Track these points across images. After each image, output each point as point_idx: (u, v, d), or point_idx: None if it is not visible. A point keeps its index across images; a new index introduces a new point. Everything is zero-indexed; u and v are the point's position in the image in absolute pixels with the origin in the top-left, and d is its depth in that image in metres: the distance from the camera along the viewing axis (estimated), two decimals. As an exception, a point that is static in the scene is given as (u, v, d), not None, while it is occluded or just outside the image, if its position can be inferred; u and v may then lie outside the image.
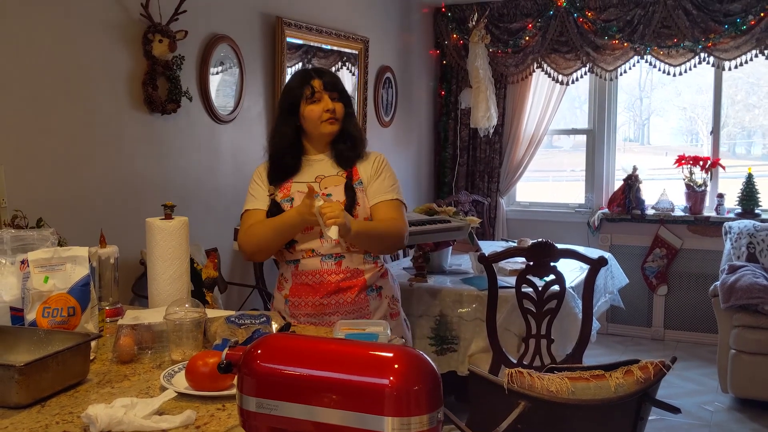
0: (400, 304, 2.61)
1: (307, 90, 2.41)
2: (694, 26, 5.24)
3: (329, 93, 2.43)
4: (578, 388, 1.83)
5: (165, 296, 2.21)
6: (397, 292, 2.61)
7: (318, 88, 2.41)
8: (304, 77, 2.45)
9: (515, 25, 5.81)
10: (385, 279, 2.53)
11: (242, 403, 1.14)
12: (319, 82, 2.42)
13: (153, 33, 3.28)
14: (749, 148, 6.38)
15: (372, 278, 2.46)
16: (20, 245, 2.00)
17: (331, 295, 2.40)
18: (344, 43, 4.77)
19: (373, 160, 2.51)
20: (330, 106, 2.41)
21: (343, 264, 2.41)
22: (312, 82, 2.42)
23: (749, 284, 4.19)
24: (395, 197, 2.48)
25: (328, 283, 2.40)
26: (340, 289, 2.40)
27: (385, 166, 2.52)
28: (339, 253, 2.41)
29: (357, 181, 2.45)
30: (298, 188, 2.44)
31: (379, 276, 2.49)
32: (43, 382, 1.56)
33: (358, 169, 2.48)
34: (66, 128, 2.99)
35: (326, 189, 2.43)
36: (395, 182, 2.52)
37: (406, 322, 2.65)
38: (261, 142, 4.17)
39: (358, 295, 2.42)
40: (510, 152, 6.04)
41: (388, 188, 2.47)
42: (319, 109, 2.41)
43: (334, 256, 2.41)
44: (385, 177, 2.49)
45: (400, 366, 1.07)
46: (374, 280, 2.47)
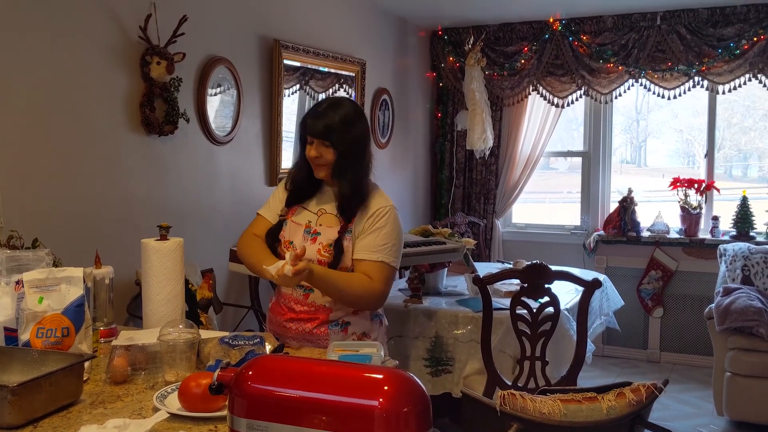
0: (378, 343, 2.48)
1: (302, 129, 2.39)
2: (688, 50, 5.30)
3: (318, 139, 2.32)
4: (571, 411, 1.84)
5: (159, 317, 2.22)
6: (374, 329, 2.48)
7: (304, 133, 2.37)
8: (306, 115, 2.40)
9: (511, 48, 5.87)
10: (357, 317, 2.42)
11: (233, 424, 1.15)
12: (306, 125, 2.36)
13: (151, 55, 3.30)
14: (746, 170, 6.41)
15: (338, 314, 2.39)
16: (15, 265, 2.01)
17: (291, 321, 2.41)
18: (341, 65, 4.81)
19: (374, 212, 2.37)
20: (313, 153, 2.33)
21: (310, 297, 2.39)
22: (303, 125, 2.38)
23: (744, 307, 4.20)
24: (382, 259, 2.33)
25: (292, 310, 2.41)
26: (301, 318, 2.40)
27: (384, 221, 2.36)
28: (308, 286, 2.36)
29: (348, 230, 2.37)
30: (296, 218, 2.44)
31: (350, 313, 2.41)
32: (35, 403, 1.57)
33: (356, 219, 2.37)
34: (63, 149, 3.00)
35: (320, 227, 2.40)
36: (391, 242, 2.36)
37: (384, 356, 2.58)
38: (258, 163, 4.21)
39: (318, 327, 2.38)
40: (506, 174, 6.07)
41: (377, 247, 2.33)
42: (308, 150, 2.36)
43: (303, 288, 2.38)
44: (379, 234, 2.34)
45: (389, 388, 1.08)
46: (340, 316, 2.39)
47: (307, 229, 2.41)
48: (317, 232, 2.39)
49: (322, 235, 2.37)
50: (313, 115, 2.34)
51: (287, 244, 2.41)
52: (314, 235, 2.38)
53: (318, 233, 2.38)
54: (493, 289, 3.75)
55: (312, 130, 2.32)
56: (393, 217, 2.39)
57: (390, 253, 2.35)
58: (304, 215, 2.45)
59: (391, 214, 2.39)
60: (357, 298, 2.32)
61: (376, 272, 2.32)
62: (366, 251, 2.33)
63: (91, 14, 3.08)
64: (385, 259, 2.34)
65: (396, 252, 2.38)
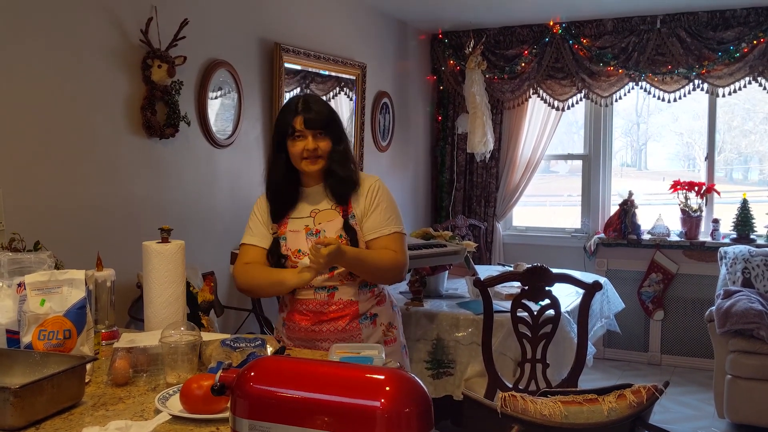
0: (399, 331, 2.56)
1: (288, 128, 2.35)
2: (688, 53, 5.31)
3: (312, 131, 2.33)
4: (571, 412, 1.84)
5: (161, 319, 2.22)
6: (396, 318, 2.56)
7: (299, 127, 2.33)
8: (288, 112, 2.37)
9: (511, 51, 5.88)
10: (382, 306, 2.48)
11: (235, 425, 1.15)
12: (301, 120, 2.33)
13: (152, 58, 3.31)
14: (746, 173, 6.41)
15: (365, 306, 2.42)
16: (17, 268, 2.01)
17: (322, 323, 2.40)
18: (342, 68, 4.82)
19: (366, 191, 2.43)
20: (310, 146, 2.33)
21: (336, 296, 2.39)
22: (294, 120, 2.34)
23: (744, 309, 4.20)
24: (394, 230, 2.41)
25: (320, 313, 2.40)
26: (331, 318, 2.40)
27: (379, 195, 2.43)
28: (332, 285, 2.39)
29: (351, 214, 2.40)
30: (291, 227, 2.42)
31: (375, 303, 2.46)
32: (37, 405, 1.57)
33: (352, 202, 2.42)
34: (64, 152, 3.01)
35: (320, 225, 2.39)
36: (393, 212, 2.43)
37: (405, 349, 2.62)
38: (258, 166, 4.21)
39: (350, 323, 2.40)
40: (506, 177, 6.07)
41: (384, 222, 2.40)
42: (300, 146, 2.34)
43: (327, 288, 2.39)
44: (381, 209, 2.41)
45: (391, 389, 1.08)
46: (368, 308, 2.43)
47: (308, 232, 2.40)
48: (319, 231, 2.39)
49: (327, 231, 2.38)
50: (306, 110, 2.34)
51: (296, 254, 2.39)
52: (317, 235, 2.38)
53: (321, 231, 2.39)
54: (494, 291, 3.75)
55: (311, 123, 2.33)
56: (385, 189, 2.48)
57: (397, 222, 2.44)
58: (297, 223, 2.42)
59: (382, 186, 2.47)
60: (386, 271, 2.38)
61: (393, 243, 2.40)
62: (377, 230, 2.40)
63: (93, 17, 3.09)
64: (396, 228, 2.43)
65: (400, 219, 2.47)
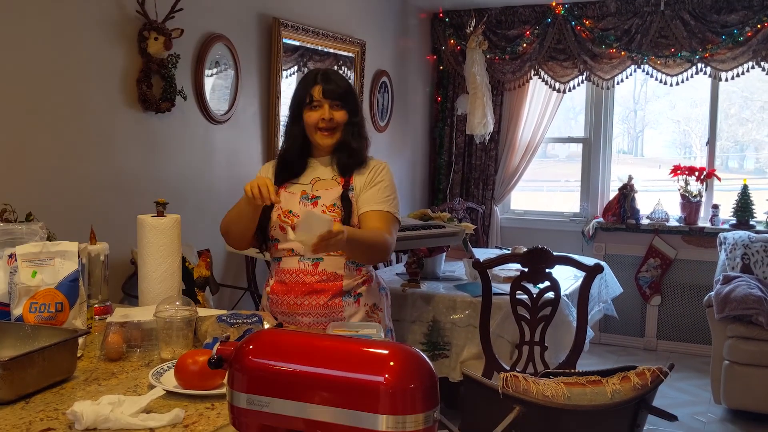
0: (385, 314, 2.51)
1: (306, 97, 2.35)
2: (692, 36, 5.25)
3: (330, 101, 2.34)
4: (574, 394, 1.81)
5: (155, 294, 2.18)
6: (383, 301, 2.51)
7: (317, 96, 2.34)
8: (308, 81, 2.38)
9: (513, 31, 5.81)
10: (368, 286, 2.44)
11: (232, 399, 1.11)
12: (320, 89, 2.34)
13: (148, 30, 3.25)
14: (742, 162, 6.38)
15: (350, 283, 2.38)
16: (8, 239, 1.96)
17: (304, 296, 2.35)
18: (341, 45, 4.75)
19: (371, 169, 2.42)
20: (326, 116, 2.33)
21: (320, 266, 2.35)
22: (312, 89, 2.34)
23: (744, 295, 4.18)
24: (388, 209, 2.38)
25: (303, 284, 2.35)
26: (314, 290, 2.34)
27: (382, 175, 2.42)
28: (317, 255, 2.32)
29: (350, 187, 2.38)
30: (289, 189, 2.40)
31: (360, 283, 2.41)
32: (27, 378, 1.53)
33: (355, 177, 2.40)
34: (58, 124, 2.95)
35: (317, 191, 2.37)
36: (392, 194, 2.42)
37: (391, 332, 2.58)
38: (255, 143, 4.16)
39: (332, 299, 2.35)
40: (506, 160, 6.02)
41: (380, 199, 2.38)
42: (316, 116, 2.34)
43: (311, 258, 2.34)
44: (380, 187, 2.39)
45: (396, 363, 1.04)
46: (353, 287, 2.39)
47: (304, 196, 2.35)
48: (316, 196, 2.36)
49: (323, 198, 2.34)
50: (326, 80, 2.35)
51: (287, 214, 2.35)
52: (314, 200, 2.34)
53: (318, 197, 2.35)
54: (492, 274, 3.71)
55: (330, 93, 2.34)
56: (389, 172, 2.46)
57: (393, 205, 2.41)
58: (295, 187, 2.40)
59: (387, 169, 2.46)
60: (379, 252, 2.33)
61: (384, 222, 2.35)
62: (371, 203, 2.37)
63: (88, -13, 3.02)
64: (390, 209, 2.39)
65: (397, 205, 2.44)
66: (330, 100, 2.34)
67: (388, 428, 1.02)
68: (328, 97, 2.34)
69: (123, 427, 1.37)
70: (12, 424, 1.39)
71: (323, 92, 2.34)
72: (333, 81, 2.36)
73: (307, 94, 2.35)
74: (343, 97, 2.36)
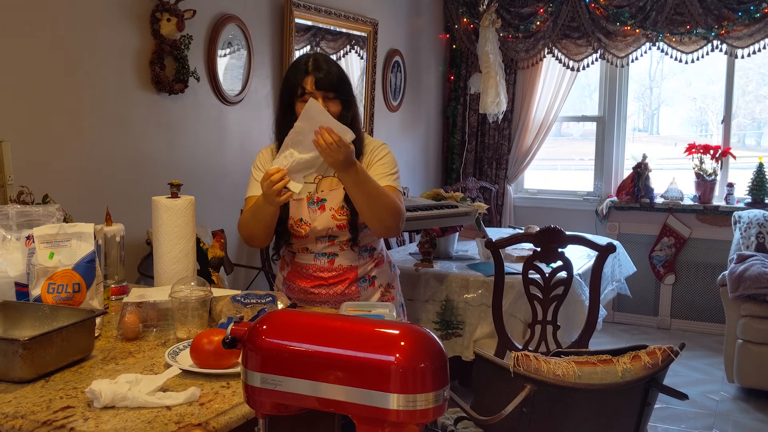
0: (397, 290, 2.53)
1: (298, 89, 2.24)
2: (708, 13, 5.19)
3: (323, 92, 2.23)
4: (585, 373, 1.82)
5: (171, 275, 2.20)
6: (394, 278, 2.52)
7: (309, 88, 2.22)
8: (297, 72, 2.26)
9: (526, 9, 5.76)
10: (380, 268, 2.45)
11: (247, 378, 1.14)
12: (312, 80, 2.22)
13: (161, 12, 3.25)
14: (759, 139, 6.32)
15: (364, 270, 2.39)
16: (26, 221, 1.99)
17: (322, 287, 2.38)
18: (353, 25, 4.74)
19: (369, 152, 2.36)
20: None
21: (336, 262, 2.36)
22: (304, 81, 2.23)
23: (758, 274, 4.16)
24: (390, 184, 2.31)
25: (319, 278, 2.37)
26: (330, 283, 2.37)
27: (382, 155, 2.36)
28: (332, 252, 2.35)
29: None
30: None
31: (373, 266, 2.42)
32: (47, 357, 1.56)
33: None
34: (73, 106, 2.97)
35: (322, 193, 2.33)
36: (393, 169, 2.35)
37: (403, 307, 2.60)
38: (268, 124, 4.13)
39: (349, 287, 2.37)
40: (519, 139, 6.00)
41: (383, 174, 2.31)
42: None
43: (327, 255, 2.35)
44: (380, 164, 2.33)
45: (406, 343, 1.06)
46: (366, 272, 2.40)
47: (310, 201, 2.32)
48: (321, 198, 2.32)
49: (329, 200, 2.31)
50: (317, 69, 2.24)
51: (298, 223, 2.33)
52: (320, 203, 2.32)
53: (323, 200, 2.32)
54: (505, 253, 3.72)
55: (322, 83, 2.22)
56: (388, 151, 2.39)
57: (396, 181, 2.35)
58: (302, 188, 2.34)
59: (386, 148, 2.40)
60: (390, 209, 2.23)
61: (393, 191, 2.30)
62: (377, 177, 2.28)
63: (100, -32, 3.03)
64: (394, 184, 2.33)
65: (400, 181, 2.38)
66: (323, 92, 2.23)
67: (398, 406, 1.04)
68: (321, 88, 2.22)
69: (140, 404, 1.40)
70: (33, 402, 1.42)
71: (315, 83, 2.22)
72: (324, 70, 2.24)
73: (299, 85, 2.24)
74: (336, 88, 2.25)
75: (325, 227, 2.30)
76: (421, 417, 1.05)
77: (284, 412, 1.14)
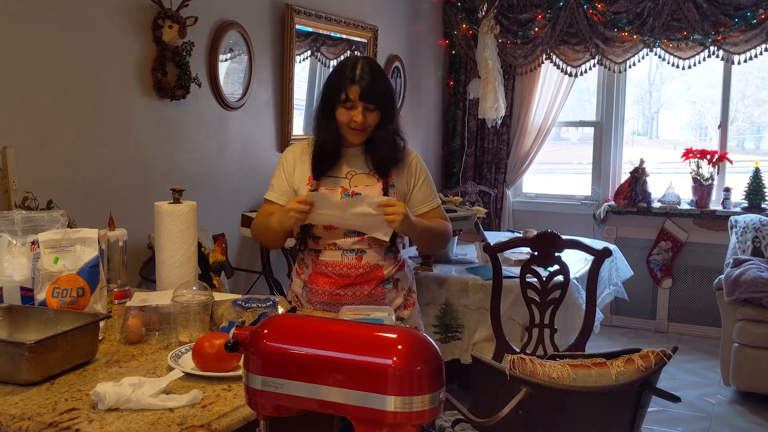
0: (416, 295, 2.58)
1: (342, 94, 2.27)
2: (704, 19, 5.23)
3: (364, 103, 2.26)
4: (579, 376, 1.85)
5: (173, 279, 2.24)
6: (413, 283, 2.58)
7: (353, 97, 2.25)
8: (343, 77, 2.28)
9: (525, 15, 5.80)
10: (402, 271, 2.49)
11: (248, 381, 1.17)
12: (357, 90, 2.25)
13: (163, 18, 3.29)
14: (758, 143, 6.36)
15: (389, 271, 2.42)
16: (31, 226, 2.02)
17: (348, 287, 2.38)
18: (353, 31, 4.78)
19: (409, 164, 2.44)
20: (359, 119, 2.27)
21: (364, 259, 2.38)
22: (349, 90, 2.25)
23: (754, 278, 4.20)
24: (438, 204, 2.52)
25: (346, 276, 2.38)
26: (357, 282, 2.38)
27: (422, 169, 2.49)
28: (361, 248, 2.37)
29: (390, 184, 2.38)
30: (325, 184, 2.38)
31: (398, 269, 2.46)
32: (52, 360, 1.59)
33: (393, 173, 2.40)
34: (76, 112, 3.01)
35: (356, 187, 2.35)
36: (434, 187, 2.54)
37: (420, 313, 2.64)
38: (269, 129, 4.20)
39: (375, 288, 2.39)
40: (518, 143, 6.04)
41: (431, 195, 2.50)
42: (349, 116, 2.28)
43: (355, 251, 2.37)
44: (426, 183, 2.48)
45: (403, 347, 1.09)
46: (391, 273, 2.43)
47: (344, 193, 2.33)
48: (356, 193, 2.34)
49: (364, 195, 2.33)
50: (362, 78, 2.26)
51: None
52: (354, 197, 2.32)
53: (358, 194, 2.33)
54: (503, 257, 3.75)
55: (367, 95, 2.26)
56: (423, 163, 2.53)
57: (438, 199, 2.55)
58: (331, 181, 2.38)
59: (420, 159, 2.53)
60: (445, 239, 2.54)
61: (441, 214, 2.52)
62: (427, 203, 2.48)
63: (103, -24, 3.06)
64: (437, 203, 2.53)
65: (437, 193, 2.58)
66: (364, 102, 2.26)
67: (396, 408, 1.07)
68: (364, 99, 2.26)
69: (144, 407, 1.43)
70: (38, 404, 1.45)
71: (360, 94, 2.25)
72: (371, 83, 2.26)
73: (343, 92, 2.26)
74: (379, 101, 2.28)
75: None
76: (418, 418, 1.08)
77: (285, 414, 1.18)
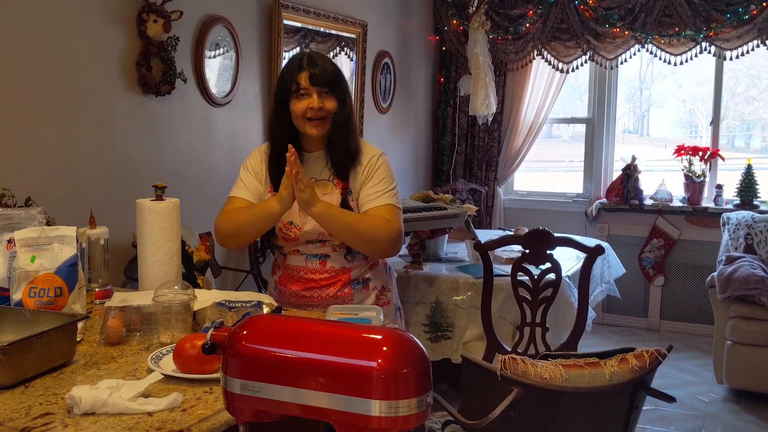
0: (393, 294, 2.52)
1: (293, 84, 2.22)
2: (696, 15, 5.20)
3: (318, 87, 2.21)
4: (572, 376, 1.81)
5: (155, 278, 2.18)
6: (390, 281, 2.51)
7: (304, 84, 2.20)
8: (292, 68, 2.24)
9: (516, 11, 5.76)
10: (375, 270, 2.43)
11: (226, 384, 1.12)
12: (306, 76, 2.20)
13: (147, 13, 3.23)
14: (748, 141, 6.35)
15: (357, 272, 2.37)
16: (7, 224, 1.97)
17: (313, 290, 2.36)
18: (343, 26, 4.72)
19: (365, 164, 2.31)
20: (315, 104, 2.20)
21: (328, 263, 2.34)
22: (299, 77, 2.21)
23: (746, 275, 4.17)
24: (387, 202, 2.28)
25: (311, 280, 2.36)
26: (322, 286, 2.35)
27: (378, 168, 2.31)
28: (324, 253, 2.33)
29: (348, 190, 2.32)
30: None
31: (367, 268, 2.40)
32: (27, 363, 1.54)
33: (351, 176, 2.32)
34: (57, 107, 2.94)
35: None
36: (390, 185, 2.32)
37: (399, 311, 2.59)
38: (257, 126, 4.14)
39: (341, 289, 2.35)
40: (509, 140, 6.00)
41: (380, 193, 2.29)
42: (304, 105, 2.21)
43: (319, 256, 2.34)
44: (377, 181, 2.30)
45: (388, 349, 1.05)
46: (360, 273, 2.38)
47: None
48: None
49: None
50: (311, 65, 2.22)
51: (288, 226, 2.31)
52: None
53: None
54: (494, 255, 3.71)
55: (317, 78, 2.20)
56: (386, 163, 2.36)
57: (394, 197, 2.32)
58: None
59: (383, 160, 2.35)
60: (374, 237, 2.23)
61: (388, 213, 2.27)
62: (371, 199, 2.28)
63: (86, -31, 3.00)
64: (391, 201, 2.30)
65: (397, 196, 2.35)
66: (318, 87, 2.21)
67: (381, 413, 1.02)
68: (316, 83, 2.20)
69: (121, 411, 1.38)
70: (11, 409, 1.40)
71: (310, 78, 2.20)
72: (319, 65, 2.22)
73: (293, 81, 2.22)
74: (331, 83, 2.23)
75: (315, 230, 2.28)
76: (404, 423, 1.03)
77: (265, 419, 1.13)
